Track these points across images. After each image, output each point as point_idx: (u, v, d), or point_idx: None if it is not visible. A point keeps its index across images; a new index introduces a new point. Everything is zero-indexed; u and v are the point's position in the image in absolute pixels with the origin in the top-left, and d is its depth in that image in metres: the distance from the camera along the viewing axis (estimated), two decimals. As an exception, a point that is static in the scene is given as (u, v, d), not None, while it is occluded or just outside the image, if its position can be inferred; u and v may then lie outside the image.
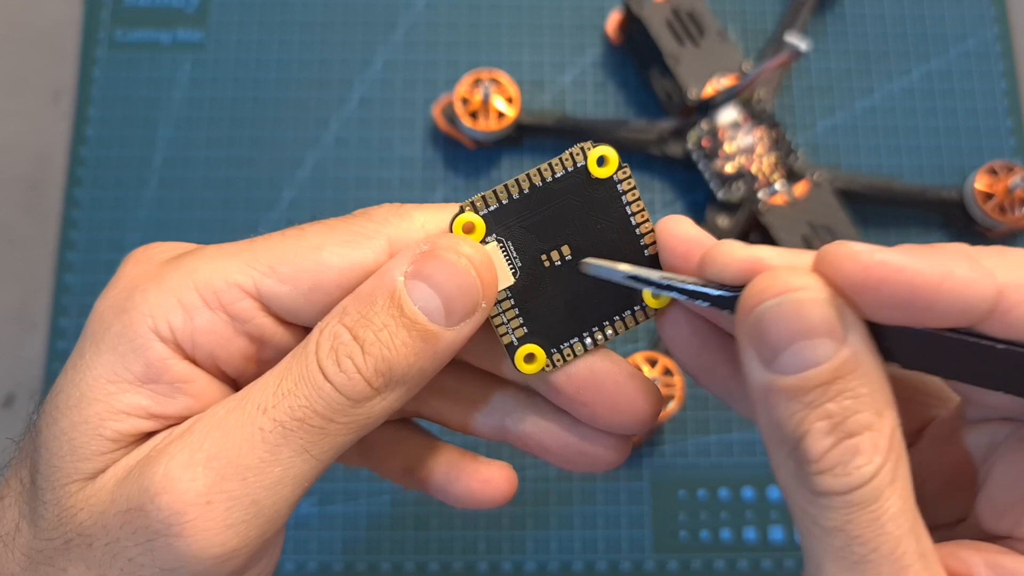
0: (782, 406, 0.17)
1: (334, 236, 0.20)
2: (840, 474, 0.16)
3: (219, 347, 0.20)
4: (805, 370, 0.17)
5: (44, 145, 0.47)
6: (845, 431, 0.16)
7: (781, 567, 0.42)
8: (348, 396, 0.19)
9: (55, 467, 0.19)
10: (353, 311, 0.19)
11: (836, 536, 0.17)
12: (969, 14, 0.50)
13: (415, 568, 0.41)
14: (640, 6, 0.45)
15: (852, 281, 0.17)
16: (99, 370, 0.19)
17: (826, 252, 0.17)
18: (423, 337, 0.19)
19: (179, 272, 0.20)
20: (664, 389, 0.40)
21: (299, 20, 0.49)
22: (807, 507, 0.17)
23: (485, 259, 0.20)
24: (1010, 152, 0.48)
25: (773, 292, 0.17)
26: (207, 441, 0.18)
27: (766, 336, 0.17)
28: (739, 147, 0.44)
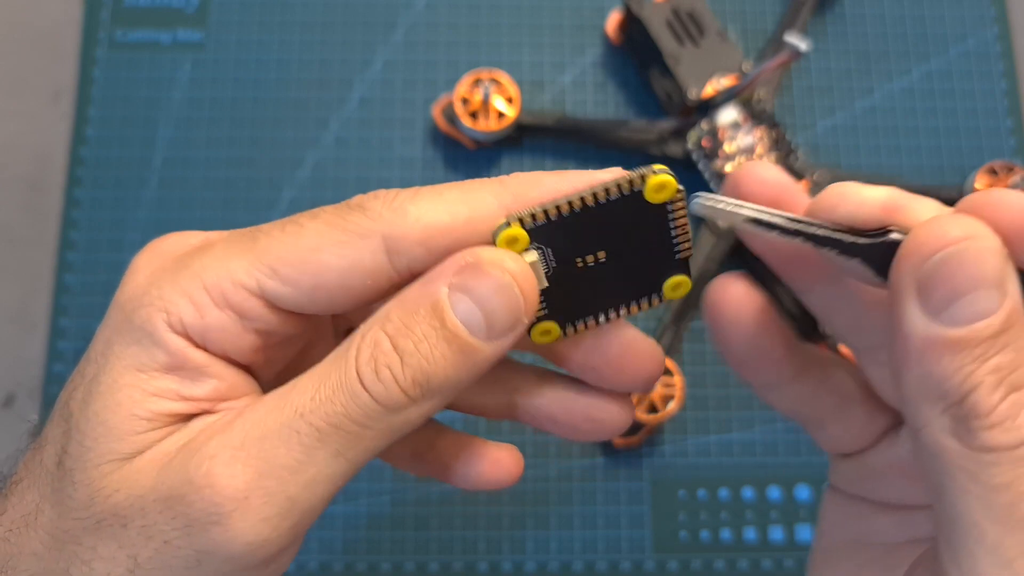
0: (947, 359, 0.16)
1: (332, 235, 0.20)
2: (1010, 428, 0.16)
3: (229, 342, 0.21)
4: (976, 321, 0.16)
5: (44, 145, 0.47)
6: (1012, 384, 0.16)
7: (781, 567, 0.42)
8: (384, 405, 0.19)
9: (88, 448, 0.20)
10: (396, 318, 0.20)
11: (1002, 493, 0.16)
12: (969, 14, 0.50)
13: (415, 568, 0.41)
14: (640, 6, 0.45)
15: (1014, 227, 0.17)
16: (128, 360, 0.20)
17: (985, 199, 0.17)
18: (462, 350, 0.20)
19: (190, 271, 0.21)
20: (664, 389, 0.40)
21: (299, 20, 0.49)
22: (968, 464, 0.16)
23: (528, 276, 0.20)
24: (1010, 152, 0.48)
25: (951, 239, 0.16)
26: (247, 440, 0.19)
27: (939, 286, 0.16)
28: (739, 147, 0.44)
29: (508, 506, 0.42)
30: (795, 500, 0.42)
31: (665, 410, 0.40)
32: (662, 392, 0.40)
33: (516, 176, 0.21)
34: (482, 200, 0.21)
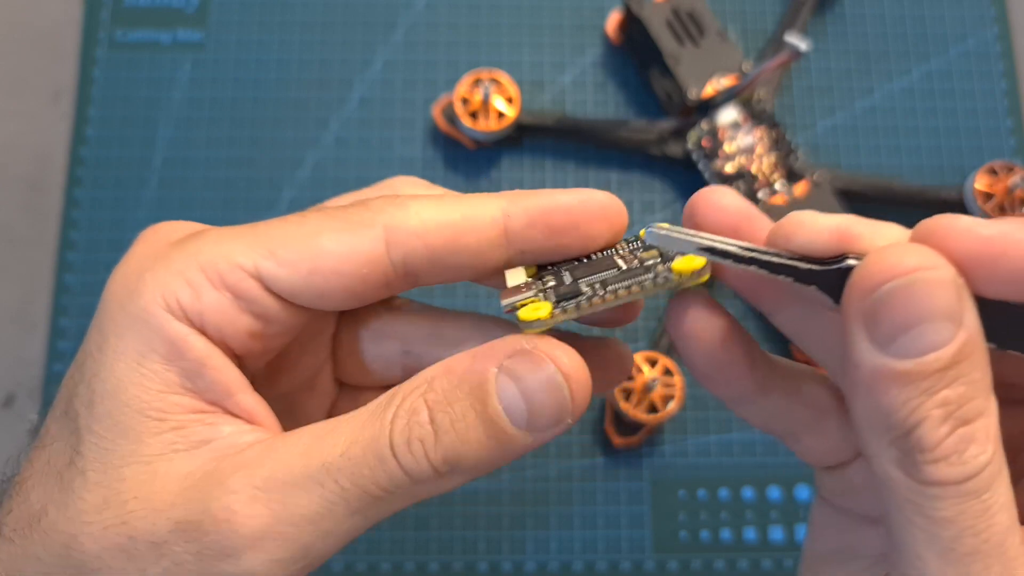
0: (894, 392, 0.16)
1: (332, 223, 0.21)
2: (956, 463, 0.16)
3: (226, 324, 0.21)
4: (925, 354, 0.16)
5: (44, 145, 0.47)
6: (961, 419, 0.16)
7: (781, 567, 0.42)
8: (411, 476, 0.19)
9: (107, 450, 0.20)
10: (438, 388, 0.19)
11: (946, 527, 0.16)
12: (969, 14, 0.50)
13: (415, 568, 0.41)
14: (640, 6, 0.45)
15: (969, 256, 0.16)
16: (127, 353, 0.20)
17: (937, 225, 0.17)
18: (499, 438, 0.19)
19: (185, 253, 0.21)
20: (664, 389, 0.40)
21: (299, 20, 0.49)
22: (912, 497, 0.16)
23: (582, 375, 0.19)
24: (1010, 152, 0.48)
25: (899, 271, 0.16)
26: (270, 482, 0.19)
27: (886, 318, 0.16)
28: (739, 147, 0.44)
29: (508, 506, 0.42)
30: (795, 500, 0.42)
31: (665, 410, 0.40)
32: (662, 392, 0.40)
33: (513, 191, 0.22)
34: (480, 203, 0.21)
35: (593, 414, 0.43)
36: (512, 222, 0.21)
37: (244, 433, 0.21)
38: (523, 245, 0.21)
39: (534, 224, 0.21)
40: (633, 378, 0.40)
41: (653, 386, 0.40)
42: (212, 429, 0.21)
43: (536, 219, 0.21)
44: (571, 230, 0.21)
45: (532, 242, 0.21)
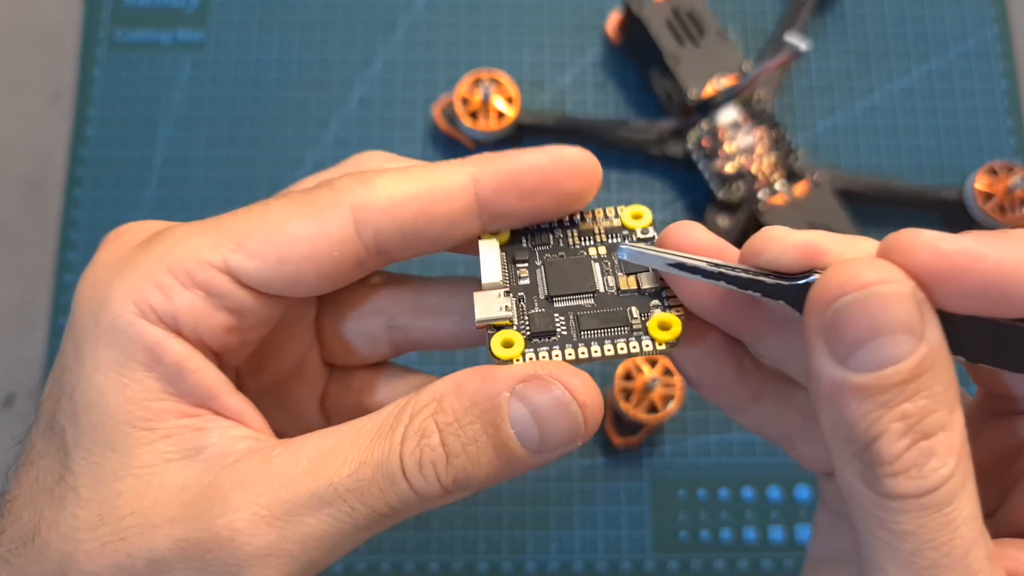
0: (854, 405, 0.16)
1: (298, 208, 0.20)
2: (915, 476, 0.16)
3: (200, 323, 0.20)
4: (883, 368, 0.16)
5: (44, 145, 0.47)
6: (921, 432, 0.16)
7: (781, 567, 0.42)
8: (421, 496, 0.19)
9: (96, 465, 0.19)
10: (449, 409, 0.19)
11: (907, 540, 0.16)
12: (969, 14, 0.50)
13: (415, 568, 0.41)
14: (640, 6, 0.45)
15: (931, 270, 0.16)
16: (105, 364, 0.20)
17: (899, 240, 0.17)
18: (509, 460, 0.19)
19: (151, 255, 0.20)
20: (664, 389, 0.40)
21: (299, 20, 0.49)
22: (874, 509, 0.16)
23: (595, 402, 0.19)
24: (1010, 152, 0.48)
25: (854, 285, 0.16)
26: (275, 501, 0.19)
27: (843, 331, 0.16)
28: (739, 147, 0.44)
29: (508, 506, 0.42)
30: (795, 500, 0.42)
31: (665, 410, 0.40)
32: (662, 392, 0.40)
33: (481, 155, 0.21)
34: (448, 172, 0.21)
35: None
36: (482, 188, 0.21)
37: (235, 439, 0.20)
38: (495, 210, 0.21)
39: (505, 188, 0.21)
40: (633, 378, 0.40)
41: (653, 386, 0.40)
42: (202, 435, 0.20)
43: (506, 183, 0.21)
44: (543, 190, 0.21)
45: (505, 206, 0.21)
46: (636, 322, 0.20)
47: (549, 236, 0.22)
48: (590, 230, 0.22)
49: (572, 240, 0.22)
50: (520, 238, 0.22)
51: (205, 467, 0.20)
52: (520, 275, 0.21)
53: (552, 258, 0.21)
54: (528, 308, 0.21)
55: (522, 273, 0.21)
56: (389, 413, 0.20)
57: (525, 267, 0.21)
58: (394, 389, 0.26)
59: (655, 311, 0.20)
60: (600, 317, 0.20)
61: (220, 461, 0.20)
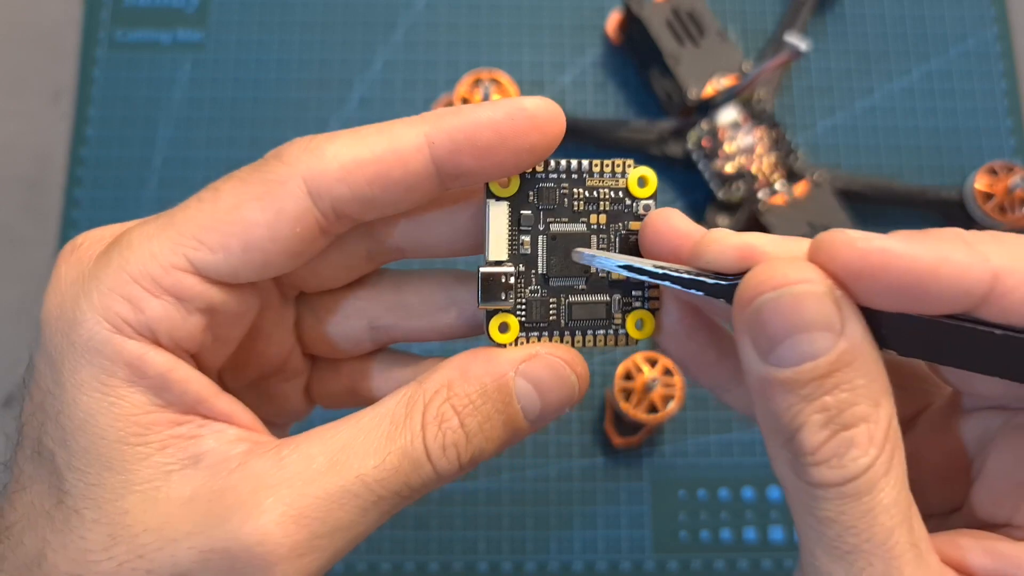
0: (778, 398, 0.17)
1: (249, 189, 0.20)
2: (835, 466, 0.16)
3: (176, 328, 0.20)
4: (802, 363, 0.17)
5: (44, 145, 0.47)
6: (841, 423, 0.16)
7: (781, 567, 0.42)
8: (442, 476, 0.20)
9: (94, 486, 0.19)
10: (462, 393, 0.20)
11: (829, 526, 0.17)
12: (969, 14, 0.50)
13: (415, 568, 0.41)
14: (640, 6, 0.45)
15: (850, 269, 0.17)
16: (87, 385, 0.19)
17: (822, 240, 0.17)
18: (514, 431, 0.21)
19: (111, 268, 0.20)
20: (664, 389, 0.40)
21: (299, 20, 0.49)
22: (801, 497, 0.17)
23: (584, 369, 0.21)
24: (1010, 152, 0.48)
25: (771, 284, 0.17)
26: (301, 499, 0.19)
27: (763, 329, 0.17)
28: (739, 147, 0.44)
29: (508, 506, 0.42)
30: (795, 500, 0.42)
31: (665, 410, 0.40)
32: (662, 392, 0.40)
33: (434, 111, 0.21)
34: (401, 133, 0.20)
35: (593, 414, 0.43)
36: (437, 149, 0.20)
37: (231, 441, 0.20)
38: (453, 170, 0.20)
39: (460, 148, 0.20)
40: (633, 378, 0.40)
41: (653, 386, 0.40)
42: (197, 442, 0.20)
43: (461, 141, 0.20)
44: (500, 147, 0.20)
45: (461, 166, 0.20)
46: (617, 317, 0.22)
47: (556, 192, 0.22)
48: (596, 187, 0.22)
49: (577, 202, 0.22)
50: (527, 192, 0.21)
51: (210, 474, 0.19)
52: (523, 242, 0.21)
53: (556, 228, 0.22)
54: (526, 285, 0.22)
55: (525, 240, 0.21)
56: (398, 403, 0.20)
57: (528, 236, 0.22)
58: (390, 375, 0.25)
59: (635, 304, 0.22)
60: (587, 307, 0.22)
61: (224, 466, 0.20)
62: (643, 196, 0.22)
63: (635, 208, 0.22)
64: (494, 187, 0.21)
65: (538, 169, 0.21)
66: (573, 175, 0.22)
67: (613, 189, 0.22)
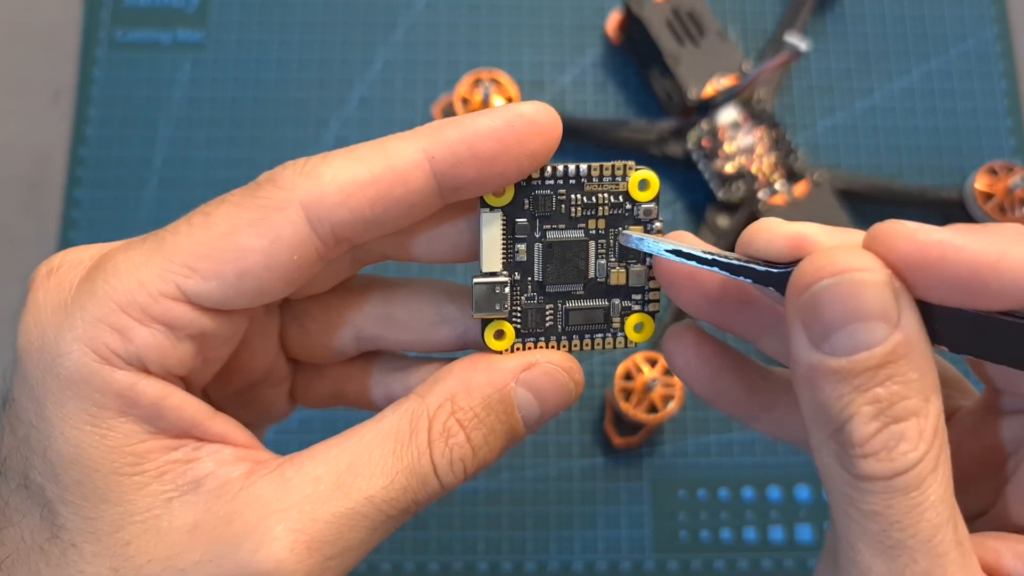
0: (828, 387, 0.17)
1: (244, 215, 0.19)
2: (884, 459, 0.16)
3: (166, 356, 0.19)
4: (856, 353, 0.16)
5: (44, 145, 0.47)
6: (892, 416, 0.16)
7: (781, 567, 0.42)
8: (447, 489, 0.20)
9: (91, 519, 0.19)
10: (466, 407, 0.20)
11: (874, 520, 0.16)
12: (969, 14, 0.50)
13: (415, 568, 0.41)
14: (640, 6, 0.45)
15: (909, 260, 0.16)
16: (75, 418, 0.19)
17: (879, 230, 0.17)
18: (513, 438, 0.21)
19: (97, 297, 0.19)
20: (664, 390, 0.40)
21: (299, 20, 0.49)
22: (846, 489, 0.17)
23: (580, 373, 0.22)
24: (1010, 152, 0.48)
25: (830, 271, 0.16)
26: (312, 524, 0.19)
27: (818, 316, 0.17)
28: (739, 147, 0.44)
29: (508, 506, 0.42)
30: (795, 500, 0.42)
31: (665, 410, 0.40)
32: (662, 392, 0.40)
33: (429, 124, 0.20)
34: (398, 149, 0.20)
35: (593, 414, 0.43)
36: (438, 163, 0.19)
37: (230, 463, 0.20)
38: (455, 183, 0.20)
39: (462, 161, 0.19)
40: (633, 378, 0.40)
41: (653, 386, 0.40)
42: (195, 466, 0.20)
43: (462, 154, 0.19)
44: (503, 156, 0.19)
45: (464, 179, 0.20)
46: (616, 322, 0.22)
47: (552, 199, 0.21)
48: (595, 191, 0.21)
49: (575, 208, 0.21)
50: (523, 198, 0.21)
51: (212, 499, 0.19)
52: (519, 251, 0.21)
53: (553, 236, 0.21)
54: (522, 292, 0.21)
55: (520, 249, 0.21)
56: (401, 418, 0.20)
57: (524, 244, 0.21)
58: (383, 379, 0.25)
59: (635, 308, 0.22)
60: (585, 313, 0.22)
61: (226, 490, 0.19)
62: (645, 200, 0.22)
63: (635, 212, 0.21)
64: (487, 196, 0.21)
65: (534, 176, 0.21)
66: (571, 180, 0.21)
67: (613, 193, 0.21)
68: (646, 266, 0.22)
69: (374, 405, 0.25)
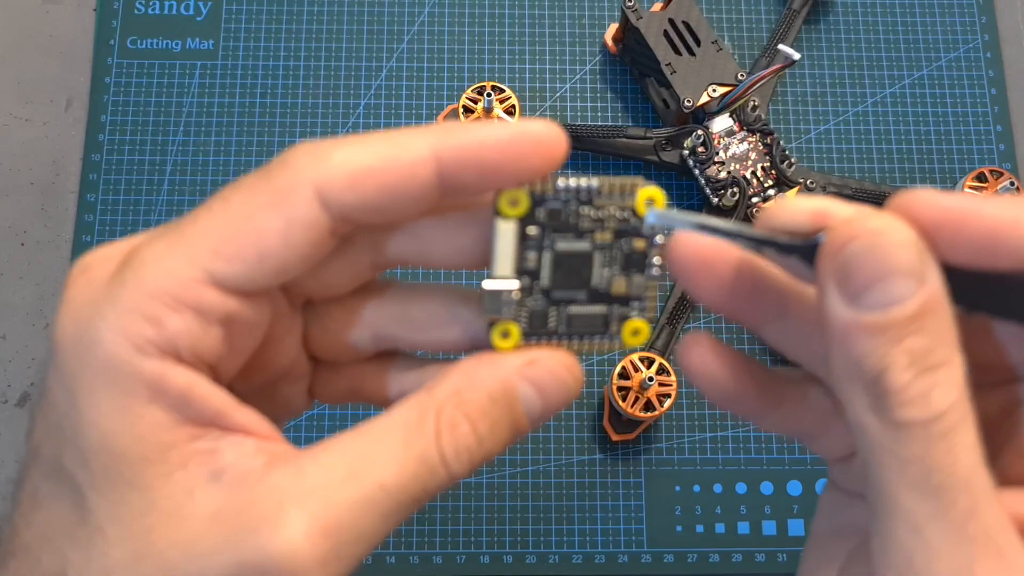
0: (863, 341, 0.18)
1: (259, 197, 0.20)
2: (922, 405, 0.17)
3: (198, 342, 0.20)
4: (890, 306, 0.17)
5: (58, 151, 0.48)
6: (926, 365, 0.17)
7: (774, 560, 0.43)
8: (454, 478, 0.21)
9: (117, 503, 0.19)
10: (471, 400, 0.21)
11: (915, 464, 0.17)
12: (959, 23, 0.51)
13: (419, 561, 0.42)
14: (637, 17, 0.46)
15: (933, 223, 0.18)
16: (106, 406, 0.19)
17: (902, 199, 0.18)
18: (518, 432, 0.22)
19: (128, 287, 0.19)
20: (660, 388, 0.41)
21: (307, 29, 0.50)
22: (883, 440, 0.18)
23: (581, 373, 0.22)
24: (999, 157, 0.49)
25: (864, 232, 0.18)
26: (326, 510, 0.19)
27: (853, 274, 0.18)
28: (733, 154, 0.45)
29: (510, 500, 0.43)
30: (787, 495, 0.44)
31: (661, 407, 0.41)
32: (658, 390, 0.41)
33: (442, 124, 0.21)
34: (409, 143, 0.20)
35: (592, 412, 0.44)
36: (443, 163, 0.20)
37: (251, 454, 0.20)
38: (455, 185, 0.21)
39: (466, 166, 0.20)
40: (630, 377, 0.41)
41: (649, 385, 0.41)
42: (216, 456, 0.20)
43: (467, 159, 0.20)
44: (505, 168, 0.20)
45: (463, 182, 0.20)
46: (614, 327, 0.23)
47: (564, 212, 0.22)
48: (604, 205, 0.22)
49: (583, 220, 0.22)
50: (536, 210, 0.22)
51: (232, 488, 0.20)
52: (529, 258, 0.22)
53: (562, 246, 0.22)
54: (528, 296, 0.22)
55: (531, 256, 0.22)
56: (410, 410, 0.21)
57: (534, 252, 0.22)
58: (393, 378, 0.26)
59: (632, 314, 0.23)
60: (586, 317, 0.23)
61: (246, 480, 0.20)
62: None
63: (642, 227, 0.22)
64: (503, 206, 0.21)
65: (547, 188, 0.22)
66: (582, 195, 0.22)
67: (621, 208, 0.22)
68: (646, 276, 0.23)
69: (388, 401, 0.26)
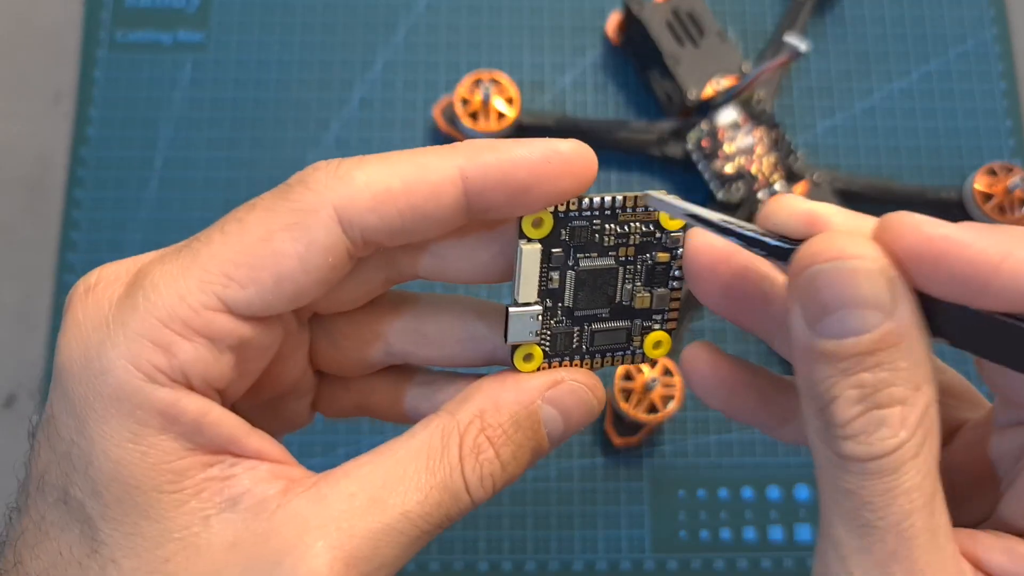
0: (818, 368, 0.17)
1: (278, 219, 0.19)
2: (863, 442, 0.17)
3: (209, 370, 0.19)
4: (846, 337, 0.17)
5: (45, 146, 0.47)
6: (875, 402, 0.17)
7: (780, 567, 0.42)
8: (477, 503, 0.21)
9: (131, 535, 0.19)
10: (495, 424, 0.21)
11: (849, 498, 0.17)
12: (968, 15, 0.50)
13: (416, 568, 0.41)
14: (640, 7, 0.45)
15: (912, 252, 0.17)
16: (117, 435, 0.19)
17: (889, 220, 0.17)
18: (539, 454, 0.22)
19: (138, 313, 0.19)
20: (664, 390, 0.40)
21: (300, 21, 0.49)
22: (827, 466, 0.17)
23: (603, 392, 0.22)
24: (1009, 153, 0.48)
25: (827, 256, 0.17)
26: (349, 540, 0.19)
27: (813, 297, 0.17)
28: (739, 148, 0.45)
29: (508, 506, 0.42)
30: (794, 500, 0.43)
31: (665, 410, 0.40)
32: (662, 392, 0.40)
33: (468, 142, 0.20)
34: (434, 164, 0.20)
35: (593, 414, 0.43)
36: (470, 184, 0.20)
37: (266, 480, 0.20)
38: (482, 206, 0.20)
39: (493, 186, 0.20)
40: (633, 378, 0.40)
41: (653, 386, 0.40)
42: (231, 483, 0.20)
43: (495, 180, 0.20)
44: (534, 189, 0.20)
45: (491, 203, 0.20)
46: (636, 340, 0.23)
47: (588, 229, 0.21)
48: (627, 221, 0.22)
49: (608, 238, 0.21)
50: (560, 230, 0.21)
51: (250, 516, 0.19)
52: (552, 279, 0.22)
53: (585, 264, 0.22)
54: (551, 318, 0.22)
55: (554, 277, 0.22)
56: (432, 434, 0.21)
57: (557, 273, 0.22)
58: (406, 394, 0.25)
59: (654, 327, 0.23)
60: (609, 334, 0.23)
61: (263, 508, 0.19)
62: (673, 228, 0.22)
63: (664, 240, 0.22)
64: (527, 228, 0.21)
65: (572, 207, 0.21)
66: (606, 212, 0.21)
67: (644, 223, 0.22)
68: (669, 289, 0.22)
69: (400, 417, 0.26)
